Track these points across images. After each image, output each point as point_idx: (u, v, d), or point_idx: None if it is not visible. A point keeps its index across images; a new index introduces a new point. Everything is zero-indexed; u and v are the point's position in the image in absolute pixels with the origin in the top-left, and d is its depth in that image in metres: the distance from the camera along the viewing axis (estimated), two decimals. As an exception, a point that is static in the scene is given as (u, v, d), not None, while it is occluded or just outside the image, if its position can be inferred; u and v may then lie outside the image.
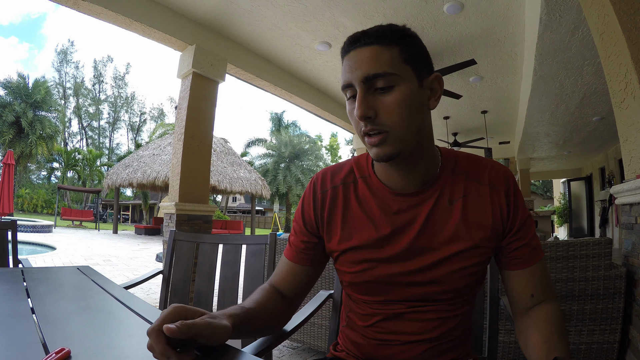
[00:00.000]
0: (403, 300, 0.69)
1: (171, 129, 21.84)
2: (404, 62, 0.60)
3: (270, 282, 0.77)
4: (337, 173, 0.75)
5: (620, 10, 1.69)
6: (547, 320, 0.65)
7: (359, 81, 0.59)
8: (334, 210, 0.72)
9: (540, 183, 26.29)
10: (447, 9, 3.22)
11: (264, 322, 0.70)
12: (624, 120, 1.75)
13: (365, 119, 0.60)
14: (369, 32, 0.60)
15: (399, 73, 0.59)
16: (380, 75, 0.58)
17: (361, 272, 0.69)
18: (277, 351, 2.31)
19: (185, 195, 3.47)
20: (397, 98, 0.59)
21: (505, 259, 0.69)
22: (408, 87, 0.60)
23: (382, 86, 0.59)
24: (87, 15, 3.06)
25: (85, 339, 0.55)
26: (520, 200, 0.69)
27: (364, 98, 0.59)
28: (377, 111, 0.59)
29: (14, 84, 26.84)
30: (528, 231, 0.69)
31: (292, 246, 0.77)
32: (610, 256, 1.72)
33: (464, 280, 0.67)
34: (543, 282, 0.68)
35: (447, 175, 0.69)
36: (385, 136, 0.60)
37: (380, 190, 0.70)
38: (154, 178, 11.14)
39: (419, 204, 0.68)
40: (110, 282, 1.01)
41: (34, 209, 29.46)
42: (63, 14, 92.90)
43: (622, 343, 1.71)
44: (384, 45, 0.59)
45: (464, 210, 0.67)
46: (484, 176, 0.69)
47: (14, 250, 1.70)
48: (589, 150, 8.27)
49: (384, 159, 0.62)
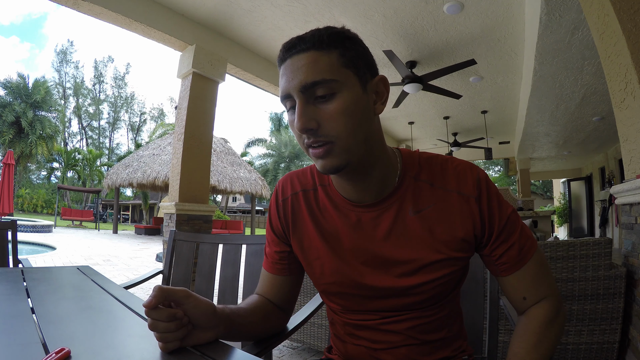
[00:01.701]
0: (375, 311, 0.66)
1: (171, 129, 21.84)
2: (344, 66, 0.55)
3: (257, 292, 0.76)
4: (298, 179, 0.72)
5: (620, 10, 1.69)
6: (526, 329, 0.62)
7: (297, 91, 0.55)
8: (297, 217, 0.70)
9: (540, 183, 26.29)
10: (447, 9, 3.22)
11: (258, 322, 0.69)
12: (624, 120, 1.76)
13: (307, 132, 0.55)
14: (305, 37, 0.56)
15: (340, 79, 0.55)
16: (319, 82, 0.54)
17: (330, 283, 0.67)
18: (277, 351, 2.31)
19: (185, 195, 3.48)
20: (340, 106, 0.55)
21: (493, 266, 0.65)
22: (351, 93, 0.56)
23: (322, 94, 0.55)
24: (87, 15, 3.07)
25: (85, 339, 0.55)
26: (494, 203, 0.63)
27: (303, 109, 0.55)
28: (319, 122, 0.55)
29: (14, 84, 26.85)
30: (512, 232, 0.63)
31: (267, 257, 0.75)
32: (610, 256, 1.72)
33: (438, 289, 0.64)
34: (536, 282, 0.64)
35: (409, 183, 0.64)
36: (330, 147, 0.56)
37: (339, 201, 0.66)
38: (154, 178, 11.14)
39: (378, 216, 0.64)
40: (110, 282, 1.01)
41: (34, 209, 29.46)
42: (64, 14, 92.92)
43: (622, 343, 1.71)
44: (321, 50, 0.55)
45: (430, 222, 0.62)
46: (451, 183, 0.63)
47: (14, 250, 1.70)
48: (589, 150, 8.27)
49: (331, 171, 0.57)
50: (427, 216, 0.63)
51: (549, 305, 0.64)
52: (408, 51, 4.13)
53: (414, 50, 4.11)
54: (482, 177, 0.64)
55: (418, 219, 0.63)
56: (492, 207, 0.63)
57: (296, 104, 0.56)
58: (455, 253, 0.62)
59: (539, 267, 0.64)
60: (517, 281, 0.64)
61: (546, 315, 0.63)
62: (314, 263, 0.68)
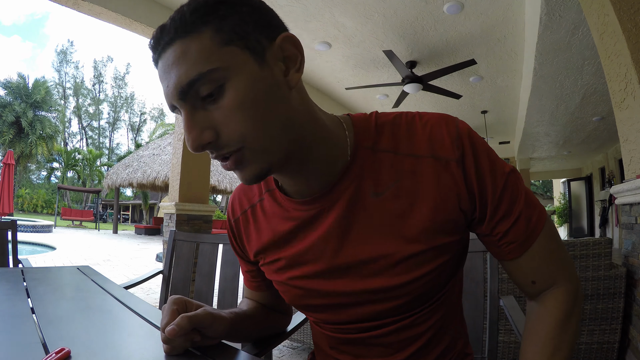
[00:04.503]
0: (352, 322, 0.55)
1: (171, 128, 21.84)
2: (224, 44, 0.41)
3: (247, 297, 0.73)
4: (245, 194, 0.62)
5: (620, 10, 1.69)
6: (540, 329, 0.51)
7: (177, 99, 0.42)
8: (250, 237, 0.62)
9: (540, 183, 26.30)
10: (447, 9, 3.22)
11: (261, 323, 0.68)
12: (624, 120, 1.76)
13: (205, 147, 0.43)
14: (166, 25, 0.42)
15: (222, 64, 0.41)
16: (196, 80, 0.40)
17: (295, 296, 0.58)
18: (277, 351, 2.31)
19: (185, 195, 3.48)
20: (234, 100, 0.41)
21: (496, 248, 0.52)
22: (244, 78, 0.42)
23: (207, 92, 0.41)
24: (87, 15, 3.07)
25: (85, 339, 0.55)
26: (483, 162, 0.48)
27: (191, 120, 0.42)
28: (215, 129, 0.42)
29: (14, 84, 26.89)
30: (514, 199, 0.49)
31: (244, 274, 0.70)
32: (610, 256, 1.72)
33: (424, 287, 0.51)
34: (548, 261, 0.51)
35: (365, 157, 0.50)
36: (241, 154, 0.44)
37: (285, 203, 0.55)
38: (154, 178, 11.13)
39: (328, 208, 0.51)
40: (110, 282, 1.01)
41: (34, 209, 29.47)
42: (66, 14, 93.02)
43: (622, 343, 1.71)
44: (188, 36, 0.41)
45: (398, 204, 0.49)
46: (422, 144, 0.49)
47: (14, 250, 1.70)
48: (589, 150, 8.27)
49: (253, 181, 0.46)
50: (393, 196, 0.49)
51: (564, 294, 0.51)
52: (408, 51, 4.13)
53: (414, 50, 4.11)
54: (462, 130, 0.48)
55: (381, 202, 0.49)
56: (481, 168, 0.48)
57: (182, 115, 0.43)
58: (440, 239, 0.49)
59: (549, 242, 0.51)
60: (526, 263, 0.51)
61: (562, 309, 0.51)
62: (275, 277, 0.61)
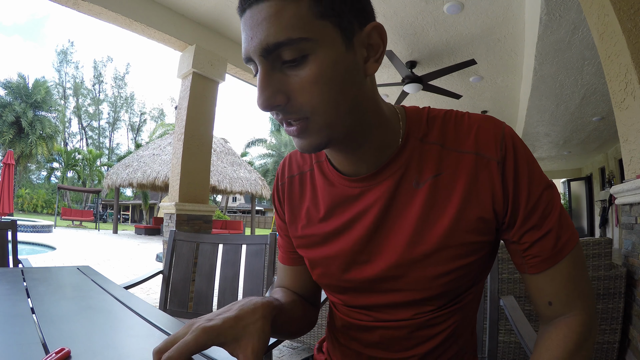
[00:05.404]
0: (371, 309, 0.56)
1: (171, 129, 21.84)
2: (319, 17, 0.41)
3: (279, 286, 0.69)
4: (296, 160, 0.63)
5: (620, 10, 1.69)
6: (550, 348, 0.50)
7: (258, 55, 0.42)
8: (293, 203, 0.61)
9: (540, 183, 26.28)
10: (447, 9, 3.22)
11: (299, 316, 0.62)
12: (624, 120, 1.76)
13: (274, 108, 0.44)
14: None
15: (312, 36, 0.41)
16: (284, 43, 0.40)
17: (323, 274, 0.58)
18: (277, 351, 2.31)
19: (185, 195, 3.47)
20: (314, 72, 0.42)
21: (520, 258, 0.51)
22: (329, 54, 0.42)
23: (290, 58, 0.41)
24: (87, 15, 3.07)
25: (85, 339, 0.55)
26: (523, 170, 0.48)
27: (267, 79, 0.43)
28: (288, 94, 0.43)
29: (14, 84, 26.88)
30: (547, 214, 0.48)
31: (281, 249, 0.68)
32: (610, 256, 1.72)
33: (446, 286, 0.51)
34: (569, 286, 0.49)
35: (414, 146, 0.51)
36: (306, 123, 0.44)
37: (333, 177, 0.56)
38: (154, 178, 11.14)
39: (372, 188, 0.52)
40: (110, 282, 1.01)
41: (34, 209, 29.46)
42: (66, 14, 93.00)
43: (622, 343, 1.71)
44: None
45: (436, 195, 0.50)
46: (468, 141, 0.49)
47: (14, 250, 1.70)
48: (589, 150, 8.27)
49: (309, 150, 0.47)
50: (433, 188, 0.50)
51: (579, 324, 0.50)
52: (408, 51, 4.13)
53: (414, 50, 4.11)
54: (507, 133, 0.49)
55: (421, 192, 0.50)
56: (520, 173, 0.48)
57: (258, 72, 0.44)
58: (469, 237, 0.49)
59: (574, 268, 0.50)
60: (546, 282, 0.50)
61: (574, 340, 0.49)
62: (303, 250, 0.61)
